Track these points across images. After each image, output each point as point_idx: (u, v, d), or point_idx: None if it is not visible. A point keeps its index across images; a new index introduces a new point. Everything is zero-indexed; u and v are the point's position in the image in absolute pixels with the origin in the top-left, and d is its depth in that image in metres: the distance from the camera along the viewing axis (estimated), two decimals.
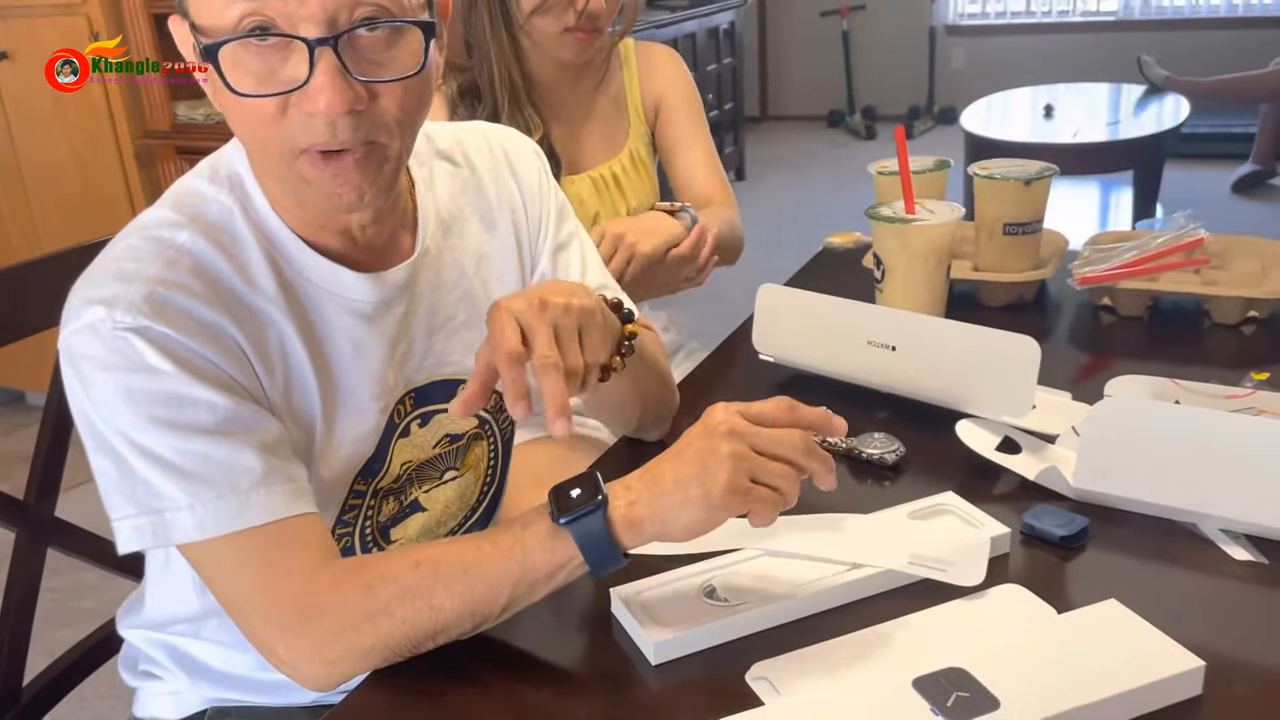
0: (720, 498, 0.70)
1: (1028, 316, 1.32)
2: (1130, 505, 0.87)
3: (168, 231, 0.78)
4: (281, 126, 0.74)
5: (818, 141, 6.27)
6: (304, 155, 0.75)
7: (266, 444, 0.76)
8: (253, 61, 0.72)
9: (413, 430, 0.92)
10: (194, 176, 0.84)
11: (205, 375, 0.74)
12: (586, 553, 0.71)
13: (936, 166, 1.34)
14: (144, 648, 0.96)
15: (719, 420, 0.72)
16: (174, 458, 0.73)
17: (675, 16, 4.66)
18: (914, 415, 1.04)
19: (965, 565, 0.79)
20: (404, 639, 0.72)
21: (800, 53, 6.81)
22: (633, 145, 1.53)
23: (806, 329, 1.09)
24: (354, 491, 0.89)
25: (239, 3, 0.70)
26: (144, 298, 0.74)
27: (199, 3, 0.73)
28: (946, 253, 1.15)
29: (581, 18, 1.33)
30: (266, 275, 0.81)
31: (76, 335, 0.73)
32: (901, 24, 6.53)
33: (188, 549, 0.75)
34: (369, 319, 0.86)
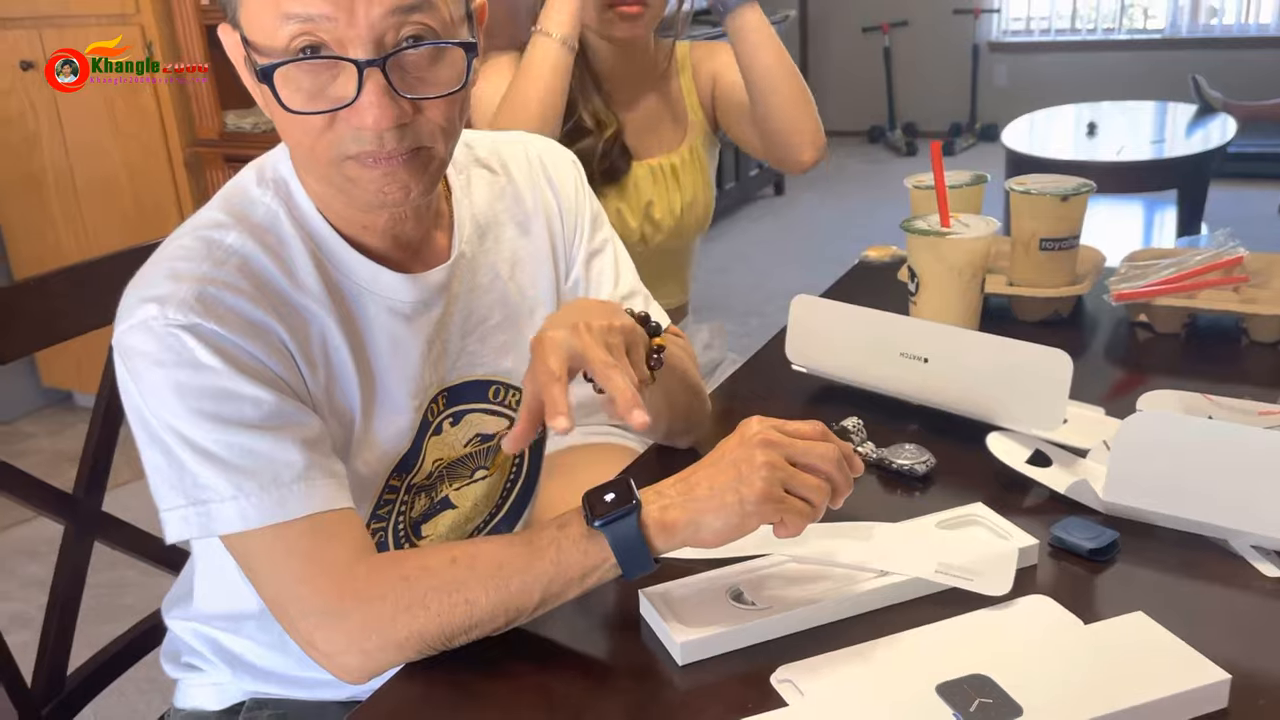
0: (754, 504, 0.71)
1: (1063, 332, 1.32)
2: (1160, 520, 0.87)
3: (217, 232, 0.81)
4: (330, 137, 0.77)
5: (857, 157, 6.27)
6: (352, 160, 0.78)
7: (308, 439, 0.78)
8: (304, 79, 0.75)
9: (445, 428, 0.94)
10: (242, 179, 0.87)
11: (251, 371, 0.77)
12: (619, 555, 0.73)
13: (973, 181, 1.35)
14: (188, 639, 0.99)
15: (754, 431, 0.74)
16: (220, 450, 0.75)
17: (716, 31, 4.67)
18: (945, 427, 1.04)
19: (992, 575, 0.79)
20: (438, 632, 0.74)
21: (841, 68, 6.81)
22: (692, 141, 1.58)
23: (839, 340, 1.10)
24: (389, 487, 0.91)
25: (291, 24, 0.73)
26: (195, 296, 0.76)
27: (252, 21, 0.75)
28: (981, 266, 1.16)
29: None
30: (311, 274, 0.83)
31: (130, 332, 0.76)
32: (944, 40, 6.52)
33: (230, 540, 0.77)
34: (407, 318, 0.88)
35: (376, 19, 0.73)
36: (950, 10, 6.42)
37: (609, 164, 1.49)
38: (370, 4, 0.72)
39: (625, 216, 1.52)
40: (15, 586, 2.27)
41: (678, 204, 1.56)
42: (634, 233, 1.53)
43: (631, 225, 1.52)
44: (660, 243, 1.56)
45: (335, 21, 0.72)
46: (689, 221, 1.58)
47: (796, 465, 0.73)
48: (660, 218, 1.55)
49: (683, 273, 1.65)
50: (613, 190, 1.51)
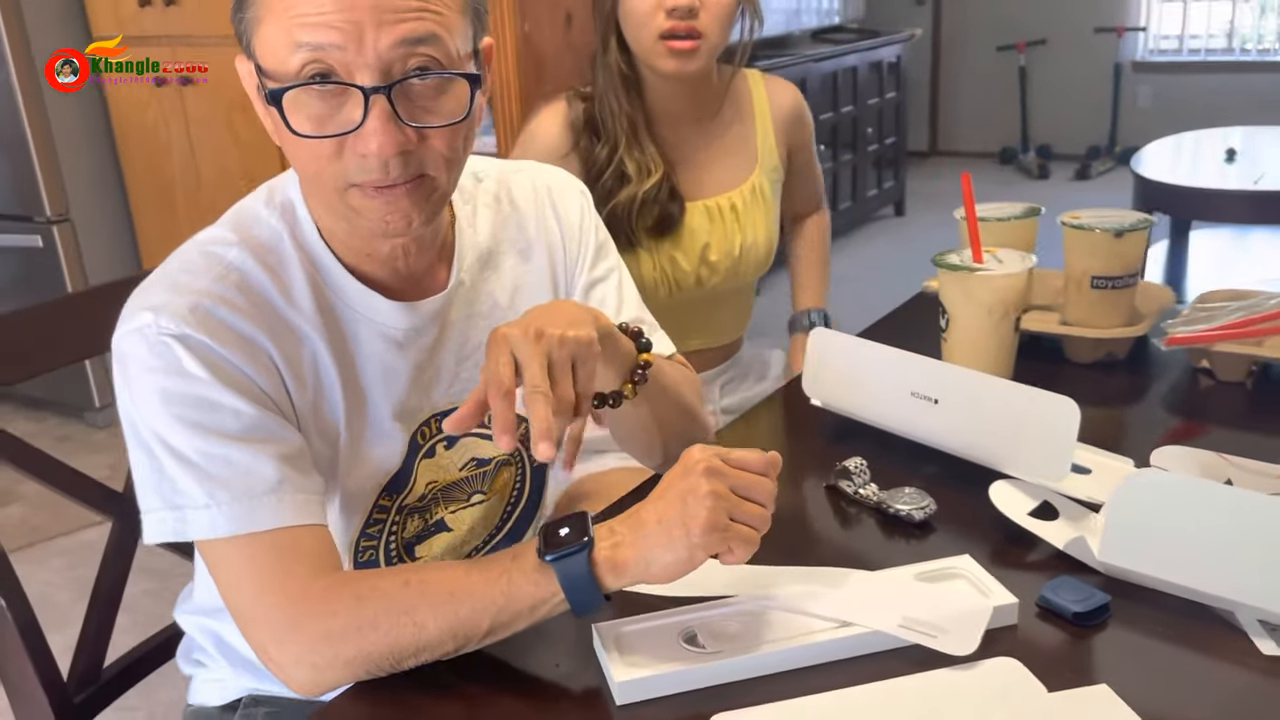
0: (700, 536, 0.71)
1: (1117, 375, 1.25)
2: (1160, 585, 0.81)
3: (221, 248, 0.85)
4: (336, 164, 0.79)
5: (985, 179, 6.07)
6: (355, 188, 0.80)
7: (286, 455, 0.80)
8: (312, 105, 0.77)
9: (438, 452, 0.95)
10: (253, 199, 0.90)
11: (235, 384, 0.80)
12: (568, 591, 0.73)
13: (1025, 214, 1.29)
14: (194, 635, 1.03)
15: (695, 459, 0.74)
16: (198, 458, 0.78)
17: (837, 50, 4.62)
18: (955, 471, 1.00)
19: (959, 633, 0.75)
20: (386, 652, 0.74)
21: (973, 88, 6.63)
22: (756, 180, 1.50)
23: (853, 376, 1.07)
24: (378, 506, 0.93)
25: (301, 51, 0.75)
26: (189, 308, 0.79)
27: (265, 48, 0.78)
28: (1014, 305, 1.11)
29: (673, 16, 1.30)
30: (307, 296, 0.86)
31: (126, 337, 0.80)
32: (1084, 60, 6.27)
33: (202, 546, 0.80)
34: (399, 344, 0.90)
35: (384, 49, 0.75)
36: (1092, 29, 6.18)
37: (658, 213, 1.40)
38: (379, 34, 0.74)
39: (678, 262, 1.44)
40: (67, 581, 2.40)
41: (736, 245, 1.47)
42: (688, 276, 1.45)
43: (685, 269, 1.45)
44: (716, 285, 1.48)
45: (345, 50, 0.74)
46: (748, 263, 1.50)
47: (738, 495, 0.72)
48: (717, 260, 1.46)
49: (740, 312, 1.59)
50: (665, 240, 1.43)
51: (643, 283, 1.42)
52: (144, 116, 3.14)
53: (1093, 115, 6.26)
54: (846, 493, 0.99)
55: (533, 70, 2.43)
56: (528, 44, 2.41)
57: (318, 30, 0.74)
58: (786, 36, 4.62)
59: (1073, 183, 5.83)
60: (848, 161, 4.77)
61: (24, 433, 3.11)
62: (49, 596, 2.25)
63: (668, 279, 1.44)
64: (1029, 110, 6.31)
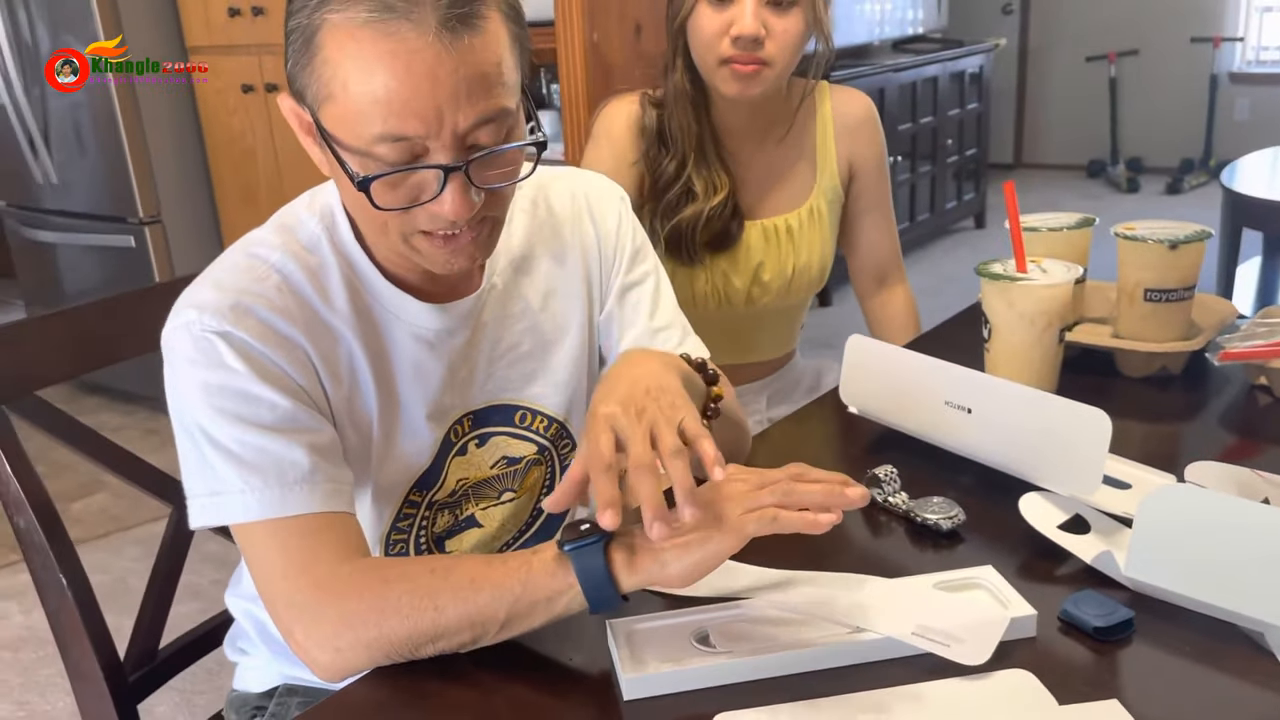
0: (720, 534, 0.72)
1: (1170, 391, 1.22)
2: (1187, 602, 0.79)
3: (264, 250, 0.88)
4: (405, 217, 0.81)
5: (1072, 192, 5.94)
6: (422, 235, 0.83)
7: (317, 446, 0.84)
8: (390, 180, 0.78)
9: (470, 449, 0.97)
10: (297, 203, 0.93)
11: (272, 379, 0.83)
12: (584, 584, 0.74)
13: (1078, 224, 1.27)
14: (240, 620, 1.07)
15: (727, 476, 0.75)
16: (235, 447, 0.81)
17: (917, 60, 4.56)
18: (988, 482, 0.99)
19: (973, 643, 0.75)
20: (405, 637, 0.76)
21: (1061, 99, 6.49)
22: (815, 201, 1.47)
23: (888, 384, 1.06)
24: (409, 501, 0.96)
25: (380, 134, 0.75)
26: (230, 306, 0.83)
27: (335, 122, 0.77)
28: (1057, 316, 1.09)
29: (738, 45, 1.29)
30: (343, 297, 0.89)
31: (173, 332, 0.84)
32: (1178, 70, 6.09)
33: (237, 530, 0.83)
34: (431, 345, 0.92)
35: (462, 130, 0.77)
36: (1187, 39, 6.00)
37: (717, 230, 1.40)
38: (457, 117, 0.76)
39: (731, 279, 1.44)
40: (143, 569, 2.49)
41: (790, 267, 1.45)
42: (739, 294, 1.45)
43: (737, 286, 1.44)
44: (767, 304, 1.47)
45: (426, 137, 0.76)
46: (800, 284, 1.48)
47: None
48: (769, 280, 1.45)
49: (790, 329, 1.57)
50: (720, 256, 1.42)
51: (694, 296, 1.43)
52: (231, 122, 3.25)
53: (1186, 128, 6.07)
54: (876, 500, 0.98)
55: (601, 79, 2.46)
56: (596, 53, 2.44)
57: (401, 121, 0.75)
58: (866, 47, 4.58)
59: (1163, 197, 5.67)
60: (926, 173, 4.71)
61: (115, 425, 3.27)
62: (124, 582, 2.35)
63: (719, 293, 1.44)
64: (1119, 122, 6.16)
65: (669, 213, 1.38)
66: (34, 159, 3.38)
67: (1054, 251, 1.20)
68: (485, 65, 0.76)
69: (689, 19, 1.33)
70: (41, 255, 3.58)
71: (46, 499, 1.05)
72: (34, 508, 1.03)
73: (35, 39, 3.21)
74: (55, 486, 2.81)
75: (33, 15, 3.18)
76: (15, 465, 1.03)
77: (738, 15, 1.28)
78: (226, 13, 3.09)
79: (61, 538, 1.05)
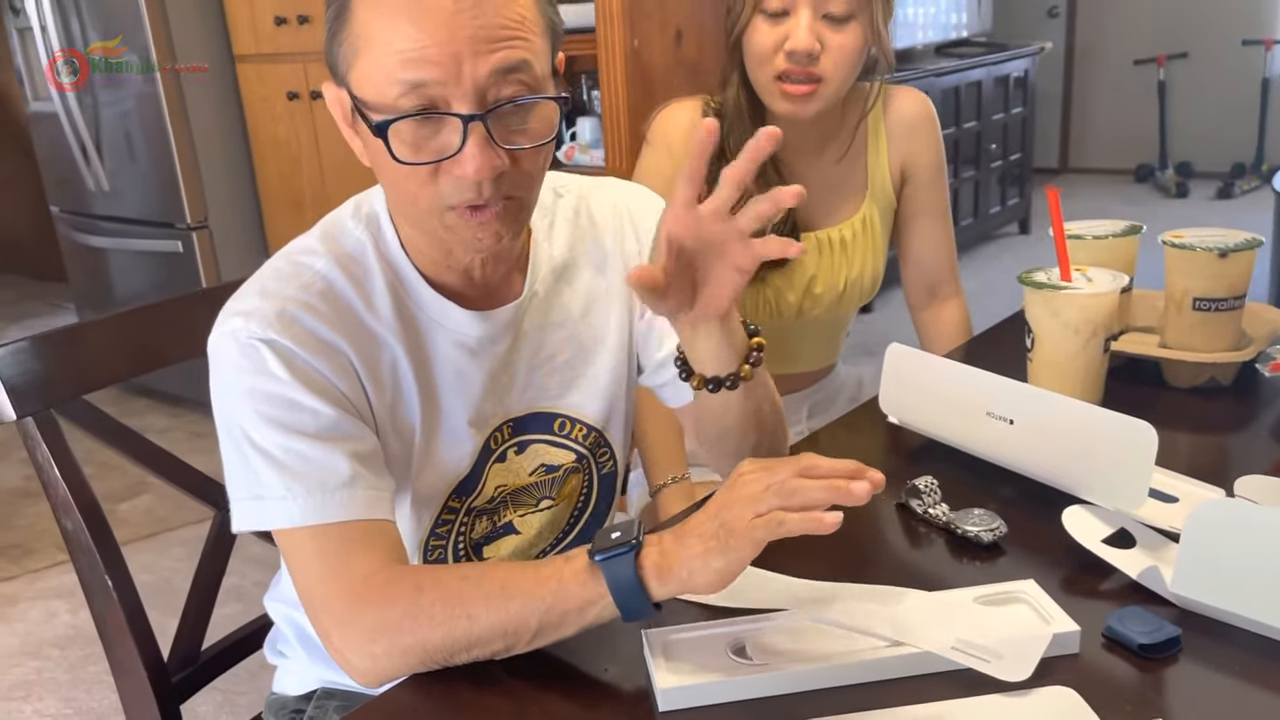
0: (735, 543, 0.71)
1: (1219, 402, 1.20)
2: (1235, 620, 0.78)
3: (308, 258, 0.89)
4: (433, 187, 0.82)
5: (1119, 198, 5.86)
6: (452, 211, 0.83)
7: (359, 454, 0.84)
8: (410, 133, 0.80)
9: (509, 456, 0.98)
10: (341, 211, 0.94)
11: (316, 386, 0.84)
12: (615, 593, 0.74)
13: (1125, 232, 1.25)
14: (279, 623, 1.08)
15: (740, 471, 0.74)
16: (278, 453, 0.82)
17: (961, 64, 4.52)
18: (1030, 494, 0.97)
19: (1014, 659, 0.73)
20: (440, 644, 0.77)
21: (1108, 103, 6.40)
22: (867, 211, 1.45)
23: (929, 394, 1.05)
24: (448, 507, 0.96)
25: (402, 84, 0.78)
26: (276, 314, 0.84)
27: (362, 80, 0.81)
28: (1103, 325, 1.07)
29: (791, 60, 1.27)
30: (387, 304, 0.90)
31: (220, 339, 0.85)
32: (1229, 73, 5.98)
33: (278, 535, 0.84)
34: (473, 351, 0.93)
35: (481, 78, 0.78)
36: (1238, 41, 5.90)
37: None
38: (476, 64, 0.78)
39: (784, 293, 1.42)
40: (188, 570, 2.52)
41: (842, 279, 1.44)
42: (791, 306, 1.43)
43: (789, 299, 1.43)
44: (818, 315, 1.46)
45: (444, 84, 0.78)
46: (851, 296, 1.46)
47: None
48: (821, 292, 1.43)
49: (835, 340, 1.56)
50: (775, 271, 1.40)
51: (743, 308, 1.41)
52: (276, 129, 3.29)
53: (1238, 132, 5.96)
54: (916, 512, 0.97)
55: (642, 87, 2.46)
56: (637, 60, 2.44)
57: (419, 66, 0.77)
58: (909, 51, 4.54)
59: (1214, 202, 5.57)
60: (970, 178, 4.66)
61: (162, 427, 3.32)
62: (169, 583, 2.39)
63: (770, 306, 1.43)
64: (1168, 126, 6.06)
65: None
66: (86, 166, 3.44)
67: (1100, 260, 1.19)
68: (506, 17, 0.78)
69: (744, 33, 1.32)
70: (92, 260, 3.65)
71: (94, 502, 1.07)
72: (82, 510, 1.05)
73: (87, 49, 3.27)
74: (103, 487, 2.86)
75: (85, 26, 3.24)
76: (64, 469, 1.05)
77: (792, 29, 1.27)
78: (273, 21, 3.13)
79: (108, 540, 1.07)
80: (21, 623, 2.37)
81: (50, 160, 3.64)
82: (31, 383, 1.04)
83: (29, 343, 1.05)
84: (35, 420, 1.03)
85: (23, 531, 2.79)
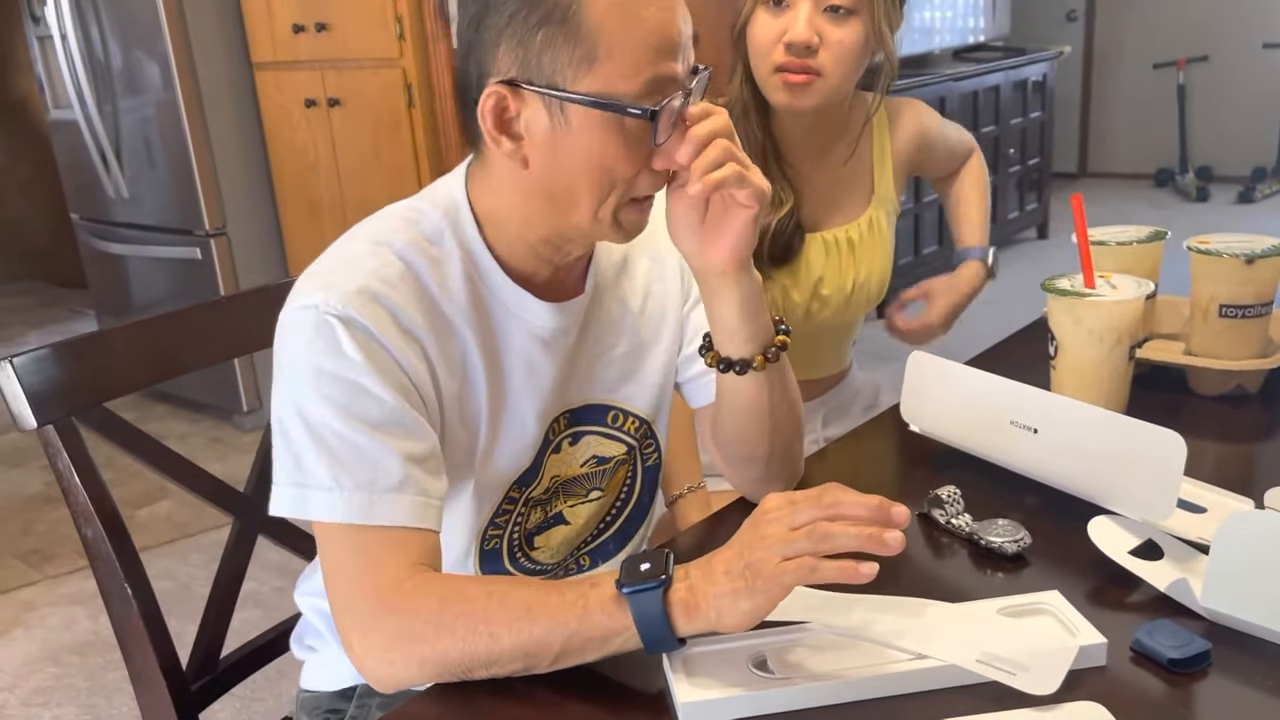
0: (763, 585, 0.71)
1: (1246, 410, 1.18)
2: (1267, 634, 0.76)
3: (387, 235, 0.88)
4: (632, 183, 0.84)
5: (1139, 202, 5.81)
6: (633, 204, 0.86)
7: (415, 455, 0.83)
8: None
9: (564, 447, 0.98)
10: (418, 198, 0.93)
11: (386, 372, 0.82)
12: (640, 627, 0.74)
13: (1150, 238, 1.23)
14: (310, 616, 1.07)
15: (766, 507, 0.74)
16: (333, 440, 0.81)
17: (979, 69, 4.50)
18: (1055, 504, 0.96)
19: (1040, 672, 0.72)
20: (459, 658, 0.76)
21: (1128, 106, 6.35)
22: (873, 213, 1.45)
23: (951, 402, 1.04)
24: (508, 498, 0.96)
25: (650, 71, 0.82)
26: (357, 289, 0.83)
27: (601, 77, 0.81)
28: (1127, 333, 1.06)
29: (790, 52, 1.27)
30: (463, 291, 0.89)
31: (295, 312, 0.83)
32: (1251, 77, 5.93)
33: (316, 525, 0.83)
34: (545, 343, 0.93)
35: (691, 60, 0.86)
36: (1259, 45, 5.85)
37: (781, 244, 1.38)
38: (686, 53, 0.85)
39: (790, 293, 1.41)
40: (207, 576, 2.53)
41: (849, 281, 1.43)
42: (798, 308, 1.42)
43: (796, 300, 1.42)
44: (826, 319, 1.45)
45: (679, 70, 0.84)
46: (860, 299, 1.46)
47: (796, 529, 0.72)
48: (829, 294, 1.43)
49: (844, 345, 1.55)
50: (781, 270, 1.40)
51: None
52: (294, 137, 3.30)
53: (1258, 136, 5.91)
54: (938, 522, 0.96)
55: None
56: None
57: (672, 56, 0.82)
58: (926, 56, 4.52)
59: (1234, 206, 5.52)
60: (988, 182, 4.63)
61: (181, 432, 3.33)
62: (189, 589, 2.39)
63: (776, 307, 1.42)
64: (1188, 130, 6.01)
65: None
66: (106, 174, 3.46)
67: (1124, 266, 1.17)
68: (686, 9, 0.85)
69: (747, 25, 1.33)
70: (112, 266, 3.67)
71: (113, 509, 1.07)
72: (101, 518, 1.05)
73: (108, 57, 3.29)
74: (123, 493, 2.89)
75: (105, 34, 3.26)
76: (84, 477, 1.04)
77: (791, 22, 1.27)
78: (291, 29, 3.14)
79: (127, 548, 1.07)
80: (41, 629, 2.38)
81: (70, 167, 3.66)
82: (52, 390, 1.04)
83: (50, 350, 1.05)
84: (56, 428, 1.03)
85: (43, 537, 2.80)
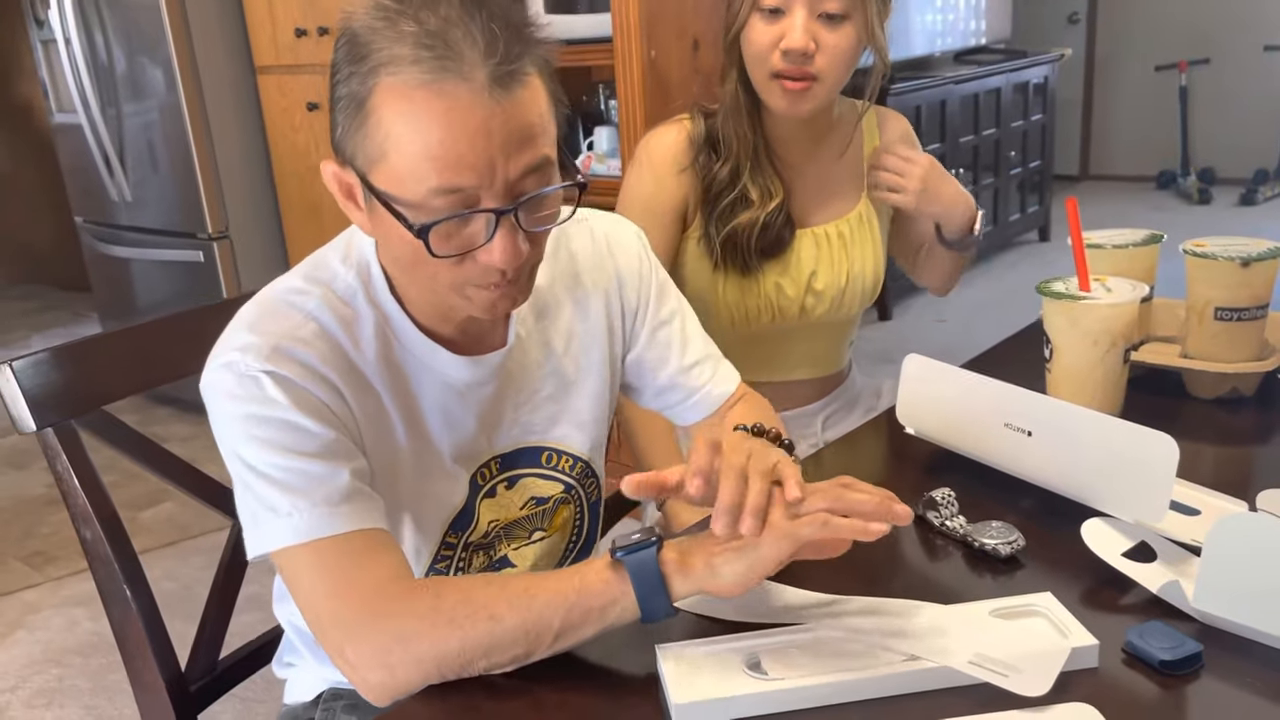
0: (771, 535, 0.74)
1: (1241, 413, 1.19)
2: (1259, 636, 0.77)
3: (299, 298, 0.89)
4: (458, 271, 0.83)
5: (1141, 204, 5.82)
6: (476, 287, 0.84)
7: (358, 471, 0.85)
8: (442, 229, 0.80)
9: (499, 492, 0.99)
10: (330, 252, 0.94)
11: (314, 410, 0.84)
12: (637, 586, 0.75)
13: (1145, 241, 1.24)
14: (287, 631, 1.08)
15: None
16: (279, 475, 0.82)
17: (980, 71, 4.50)
18: (1049, 507, 0.97)
19: (1031, 673, 0.73)
20: (457, 650, 0.77)
21: (1129, 109, 6.36)
22: (863, 209, 1.47)
23: (946, 405, 1.05)
24: (445, 543, 0.97)
25: (436, 187, 0.77)
26: (271, 349, 0.84)
27: (389, 178, 0.79)
28: (1122, 335, 1.06)
29: (787, 59, 1.28)
30: (374, 348, 0.90)
31: (215, 372, 0.85)
32: (1252, 79, 5.93)
33: (282, 559, 0.83)
34: (460, 394, 0.94)
35: (513, 178, 0.79)
36: (1260, 47, 5.85)
37: (771, 237, 1.40)
38: (508, 166, 0.78)
39: (784, 288, 1.43)
40: (208, 578, 2.54)
41: (843, 275, 1.45)
42: (793, 303, 1.44)
43: (790, 296, 1.43)
44: (821, 315, 1.46)
45: (479, 187, 0.78)
46: (854, 293, 1.47)
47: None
48: (823, 289, 1.44)
49: (842, 343, 1.56)
50: (773, 264, 1.42)
51: (747, 310, 1.42)
52: (296, 139, 3.31)
53: (1260, 138, 5.91)
54: (933, 524, 0.96)
55: (660, 96, 2.46)
56: (654, 70, 2.44)
57: (456, 172, 0.77)
58: (927, 59, 4.53)
59: (1236, 208, 5.52)
60: (989, 185, 4.64)
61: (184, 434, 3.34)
62: (191, 591, 2.39)
63: (772, 306, 1.43)
64: (1190, 132, 6.01)
65: (724, 219, 1.38)
66: (109, 177, 3.48)
67: (1119, 269, 1.18)
68: (530, 117, 0.79)
69: (742, 31, 1.33)
70: (115, 269, 3.68)
71: (113, 512, 1.07)
72: (101, 521, 1.05)
73: (111, 61, 3.30)
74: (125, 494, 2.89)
75: (109, 38, 3.27)
76: (84, 480, 1.05)
77: (788, 29, 1.28)
78: (293, 32, 3.15)
79: (127, 551, 1.07)
80: (44, 630, 2.39)
81: (74, 171, 3.68)
82: (52, 394, 1.04)
83: (49, 354, 1.06)
84: (55, 431, 1.04)
85: (45, 539, 2.81)
